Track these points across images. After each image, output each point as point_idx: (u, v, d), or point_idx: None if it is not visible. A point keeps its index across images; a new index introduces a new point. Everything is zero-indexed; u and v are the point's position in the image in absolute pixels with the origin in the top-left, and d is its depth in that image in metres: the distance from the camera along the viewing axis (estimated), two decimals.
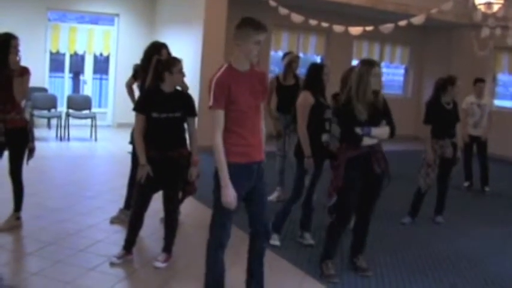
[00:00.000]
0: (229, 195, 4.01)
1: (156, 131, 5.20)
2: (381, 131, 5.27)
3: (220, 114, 4.02)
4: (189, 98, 5.40)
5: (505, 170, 12.43)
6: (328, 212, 6.35)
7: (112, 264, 5.19)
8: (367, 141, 5.20)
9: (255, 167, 4.24)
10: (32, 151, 5.90)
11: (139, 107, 5.30)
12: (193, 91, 10.95)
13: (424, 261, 6.12)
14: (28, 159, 5.92)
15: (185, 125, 5.39)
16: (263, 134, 4.36)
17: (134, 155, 6.01)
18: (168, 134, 5.23)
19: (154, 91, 5.27)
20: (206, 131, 12.21)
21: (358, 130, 5.16)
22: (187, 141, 5.42)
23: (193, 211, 7.13)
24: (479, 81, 10.03)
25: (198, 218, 7.02)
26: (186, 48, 11.85)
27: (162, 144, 5.22)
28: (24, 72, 5.67)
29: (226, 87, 3.99)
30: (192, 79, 11.35)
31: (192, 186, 5.50)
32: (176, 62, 5.25)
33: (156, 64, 5.52)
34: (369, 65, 5.22)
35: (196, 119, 5.43)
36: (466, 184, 10.15)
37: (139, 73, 6.28)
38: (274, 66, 14.88)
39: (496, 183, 10.35)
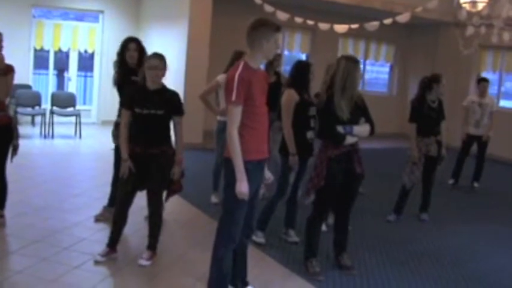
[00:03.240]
0: (245, 186, 4.10)
1: (139, 127, 5.21)
2: (362, 129, 5.28)
3: (239, 110, 4.12)
4: (174, 96, 5.34)
5: (493, 169, 12.44)
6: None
7: (96, 262, 5.17)
8: (348, 140, 5.21)
9: (265, 163, 4.44)
10: (16, 148, 5.86)
11: (124, 101, 5.37)
12: (178, 89, 10.95)
13: (409, 259, 6.15)
14: (12, 156, 5.88)
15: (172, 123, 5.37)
16: None
17: (117, 152, 6.02)
18: (150, 131, 5.22)
19: (140, 87, 5.27)
20: (191, 129, 12.18)
21: (340, 129, 5.16)
22: (173, 139, 5.39)
23: (178, 209, 7.12)
24: (483, 80, 10.10)
25: (182, 215, 7.03)
26: (171, 45, 11.83)
27: (145, 140, 5.22)
28: (9, 70, 5.62)
29: (247, 83, 4.10)
30: (177, 76, 11.35)
31: (178, 185, 5.47)
32: (147, 58, 5.27)
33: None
34: (354, 61, 5.25)
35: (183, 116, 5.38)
36: (450, 181, 10.20)
37: (116, 72, 6.29)
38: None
39: (486, 181, 10.43)
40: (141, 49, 6.24)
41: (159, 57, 5.21)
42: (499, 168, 12.88)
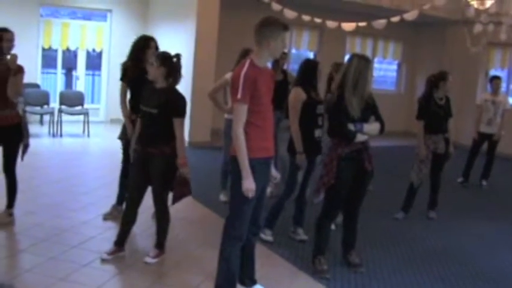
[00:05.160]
0: (251, 183, 4.13)
1: (141, 124, 5.30)
2: (373, 127, 5.28)
3: (245, 108, 4.14)
4: (174, 98, 5.18)
5: (502, 167, 12.27)
6: None
7: (103, 260, 5.19)
8: (359, 138, 5.20)
9: (271, 161, 4.46)
10: (26, 147, 5.90)
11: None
12: (186, 88, 10.97)
13: (417, 256, 6.15)
14: (22, 155, 5.91)
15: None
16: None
17: (125, 151, 6.17)
18: (148, 129, 5.19)
19: (150, 84, 5.29)
20: (199, 127, 12.15)
21: (351, 126, 5.16)
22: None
23: (186, 207, 7.09)
24: (495, 78, 10.10)
25: (191, 214, 7.04)
26: (179, 44, 11.82)
27: (143, 138, 5.25)
28: (18, 71, 5.67)
29: (253, 82, 4.12)
30: (185, 75, 11.32)
31: (184, 189, 5.29)
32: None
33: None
34: (366, 60, 5.25)
35: (183, 119, 5.20)
36: (459, 180, 10.18)
37: (129, 69, 6.25)
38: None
39: (494, 179, 10.41)
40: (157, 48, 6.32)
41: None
42: (507, 166, 12.81)
